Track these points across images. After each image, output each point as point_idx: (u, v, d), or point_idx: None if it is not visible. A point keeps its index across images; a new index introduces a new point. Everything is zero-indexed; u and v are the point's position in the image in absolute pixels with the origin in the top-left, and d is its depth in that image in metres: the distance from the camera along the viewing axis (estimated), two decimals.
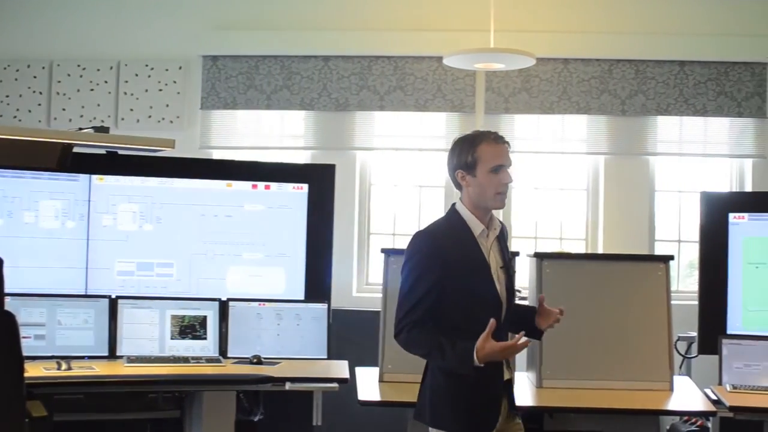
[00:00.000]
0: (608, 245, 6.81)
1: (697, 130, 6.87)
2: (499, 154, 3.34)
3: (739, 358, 4.65)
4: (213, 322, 4.97)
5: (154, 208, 5.20)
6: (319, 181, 5.42)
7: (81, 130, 4.68)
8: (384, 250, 4.79)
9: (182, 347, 4.90)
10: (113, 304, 4.87)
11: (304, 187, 5.36)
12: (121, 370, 4.57)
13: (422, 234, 3.39)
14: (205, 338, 4.95)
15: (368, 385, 4.49)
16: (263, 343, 4.99)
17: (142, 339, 4.87)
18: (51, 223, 5.04)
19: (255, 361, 4.83)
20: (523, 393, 4.35)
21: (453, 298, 3.30)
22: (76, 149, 4.44)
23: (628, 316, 4.61)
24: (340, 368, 4.78)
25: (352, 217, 6.93)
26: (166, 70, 6.97)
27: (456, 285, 3.29)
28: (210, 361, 4.79)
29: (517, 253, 4.46)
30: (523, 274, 4.85)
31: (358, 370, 4.71)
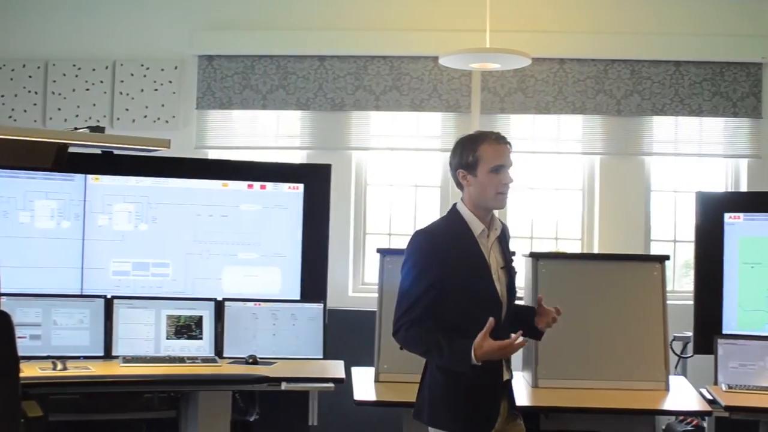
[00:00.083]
0: (604, 245, 6.81)
1: (693, 130, 6.88)
2: (500, 154, 3.34)
3: (735, 357, 4.66)
4: (209, 322, 4.97)
5: (150, 208, 5.19)
6: (315, 181, 5.42)
7: (76, 129, 4.66)
8: (380, 250, 4.79)
9: (178, 347, 4.90)
10: (109, 304, 4.87)
11: (300, 187, 5.36)
12: (117, 370, 4.57)
13: (422, 233, 3.39)
14: (201, 338, 4.95)
15: (364, 385, 4.49)
16: (259, 343, 4.99)
17: (138, 339, 4.87)
18: (46, 223, 5.03)
19: (251, 361, 4.82)
20: (519, 393, 4.32)
21: (452, 297, 3.29)
22: (72, 149, 4.42)
23: (624, 316, 4.62)
24: (335, 368, 4.78)
25: (348, 217, 6.93)
26: (162, 70, 6.96)
27: (455, 284, 3.29)
28: (206, 361, 4.79)
29: (513, 253, 4.45)
30: (519, 275, 4.83)
31: (354, 370, 4.71)
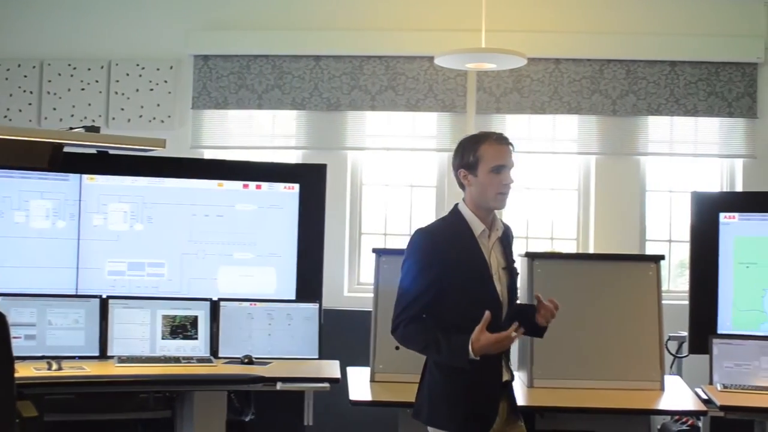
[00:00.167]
0: (599, 245, 6.81)
1: (688, 130, 6.88)
2: (501, 155, 3.34)
3: (730, 357, 4.67)
4: (204, 322, 4.96)
5: (145, 208, 5.19)
6: (311, 180, 5.41)
7: (72, 129, 4.66)
8: (375, 250, 4.79)
9: (173, 347, 4.89)
10: (104, 304, 4.86)
11: (296, 187, 5.35)
12: (112, 370, 4.56)
13: (422, 231, 3.40)
14: (196, 338, 4.94)
15: (359, 385, 4.49)
16: (254, 343, 4.98)
17: (133, 339, 4.86)
18: (41, 223, 5.02)
19: (246, 361, 4.82)
20: (515, 393, 4.34)
21: (452, 297, 3.31)
22: (67, 149, 4.42)
23: (619, 315, 4.62)
24: (331, 368, 4.77)
25: (344, 217, 6.92)
26: (157, 70, 6.95)
27: (455, 283, 3.30)
28: (201, 361, 4.79)
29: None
30: None
31: (350, 370, 4.71)
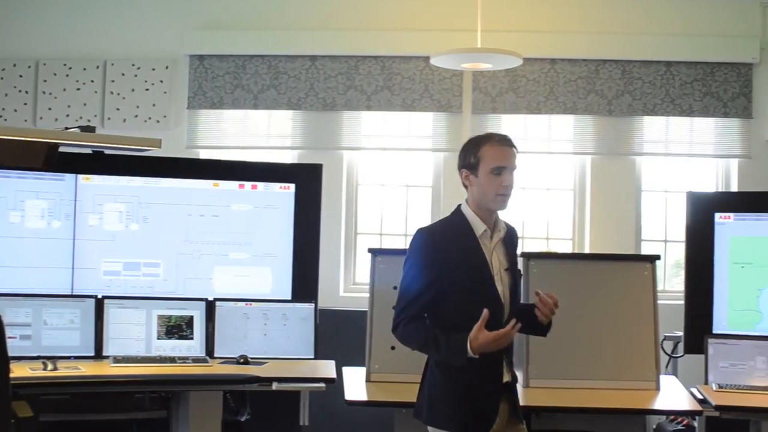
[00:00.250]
0: (595, 245, 6.82)
1: (684, 130, 6.89)
2: (502, 156, 3.34)
3: (725, 357, 4.67)
4: (199, 322, 4.96)
5: (141, 208, 5.18)
6: (306, 180, 5.41)
7: (67, 129, 4.65)
8: (371, 250, 4.79)
9: (169, 347, 4.89)
10: (99, 304, 4.86)
11: (291, 187, 5.35)
12: (108, 370, 4.55)
13: (423, 231, 3.42)
14: (192, 338, 4.94)
15: (355, 385, 4.49)
16: (250, 343, 4.98)
17: (129, 339, 4.86)
18: (37, 223, 5.02)
19: (242, 361, 4.82)
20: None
21: (452, 296, 3.32)
22: (62, 149, 4.40)
23: (615, 315, 4.62)
24: (327, 368, 4.77)
25: (339, 217, 6.92)
26: (153, 70, 6.95)
27: (455, 283, 3.31)
28: (196, 361, 4.78)
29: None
30: None
31: (345, 370, 4.71)
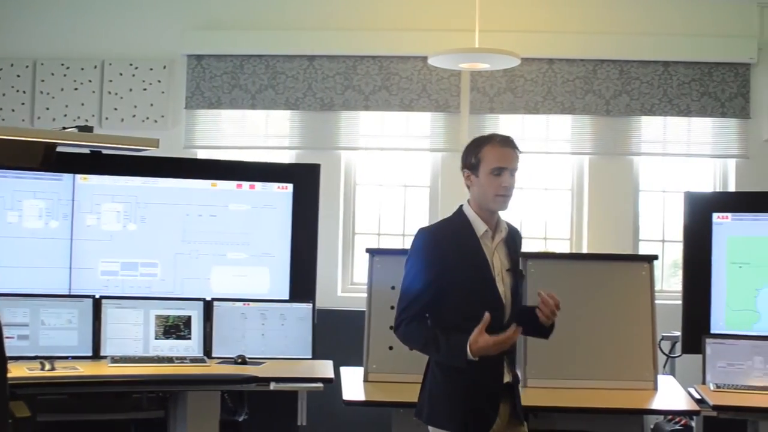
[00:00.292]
0: (593, 245, 6.82)
1: (681, 130, 6.89)
2: (502, 157, 3.35)
3: (723, 357, 4.67)
4: (197, 322, 4.96)
5: (139, 208, 5.18)
6: (304, 180, 5.41)
7: (65, 129, 4.65)
8: (369, 250, 4.79)
9: (166, 347, 4.88)
10: (97, 304, 4.85)
11: (289, 187, 5.35)
12: (105, 370, 4.55)
13: (424, 231, 3.44)
14: (190, 338, 4.94)
15: (353, 385, 4.49)
16: (248, 343, 4.98)
17: (126, 339, 4.85)
18: (34, 223, 5.01)
19: (239, 361, 4.82)
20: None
21: (452, 296, 3.33)
22: (60, 149, 4.40)
23: (613, 315, 4.62)
24: (324, 368, 4.77)
25: (337, 217, 6.92)
26: (151, 70, 6.94)
27: (454, 282, 3.32)
28: (194, 361, 4.78)
29: None
30: None
31: (343, 369, 4.70)
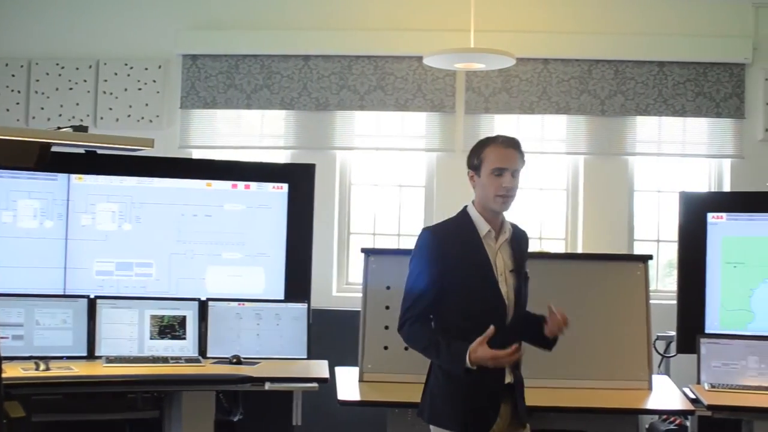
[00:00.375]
0: (588, 245, 6.83)
1: (676, 130, 6.90)
2: (503, 158, 3.36)
3: (717, 357, 4.68)
4: (192, 322, 4.96)
5: (134, 208, 5.18)
6: (299, 180, 5.41)
7: (60, 129, 4.64)
8: (364, 250, 4.79)
9: (161, 347, 4.88)
10: (92, 304, 4.85)
11: (284, 187, 5.35)
12: (100, 370, 4.55)
13: (427, 230, 3.46)
14: (185, 338, 4.94)
15: (348, 384, 4.49)
16: (243, 343, 4.98)
17: (121, 339, 4.85)
18: (29, 223, 5.01)
19: (234, 361, 4.82)
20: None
21: (454, 296, 3.34)
22: (55, 148, 4.39)
23: (607, 315, 4.63)
24: (319, 368, 4.77)
25: (332, 217, 6.92)
26: (146, 69, 6.94)
27: (456, 282, 3.33)
28: (189, 361, 4.78)
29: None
30: None
31: (338, 369, 4.70)
